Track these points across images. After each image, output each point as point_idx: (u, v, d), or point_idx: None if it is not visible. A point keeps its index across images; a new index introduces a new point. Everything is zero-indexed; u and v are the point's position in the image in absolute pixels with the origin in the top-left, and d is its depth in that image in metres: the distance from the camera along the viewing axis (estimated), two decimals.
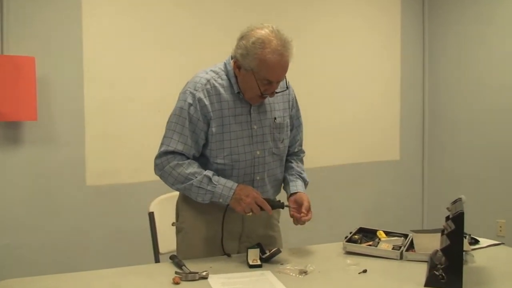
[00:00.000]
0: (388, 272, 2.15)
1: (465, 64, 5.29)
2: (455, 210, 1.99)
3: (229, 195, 2.27)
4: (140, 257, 2.82)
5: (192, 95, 2.31)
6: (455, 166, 5.43)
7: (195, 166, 2.31)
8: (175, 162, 2.30)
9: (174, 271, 2.07)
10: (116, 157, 4.11)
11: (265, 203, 2.28)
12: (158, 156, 2.34)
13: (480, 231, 2.82)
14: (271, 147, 2.43)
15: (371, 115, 5.35)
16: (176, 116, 2.32)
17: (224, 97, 2.33)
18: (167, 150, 2.31)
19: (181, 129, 2.31)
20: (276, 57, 2.21)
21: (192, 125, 2.31)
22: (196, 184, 2.28)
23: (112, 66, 4.08)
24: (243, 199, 2.26)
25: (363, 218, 5.00)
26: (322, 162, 4.98)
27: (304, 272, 2.11)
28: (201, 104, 2.30)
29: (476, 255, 2.34)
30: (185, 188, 2.31)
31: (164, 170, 2.32)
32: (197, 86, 2.32)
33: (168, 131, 2.34)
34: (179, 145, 2.30)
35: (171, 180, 2.31)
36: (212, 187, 2.28)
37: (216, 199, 2.29)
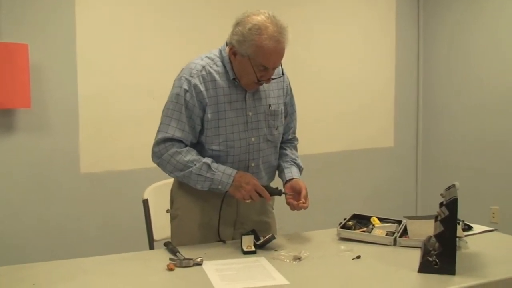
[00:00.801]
0: (381, 258, 2.15)
1: (460, 52, 5.28)
2: (449, 197, 2.00)
3: (228, 182, 2.28)
4: (134, 244, 2.82)
5: (188, 81, 2.30)
6: (448, 153, 5.44)
7: (194, 153, 2.31)
8: (173, 149, 2.29)
9: (169, 257, 2.07)
10: (110, 144, 4.10)
11: (264, 191, 2.29)
12: (156, 143, 2.33)
13: (474, 218, 2.83)
14: (265, 134, 2.43)
15: (366, 103, 5.34)
16: (173, 103, 2.31)
17: (219, 84, 2.33)
18: (165, 137, 2.30)
19: (179, 116, 2.30)
20: (272, 43, 2.21)
21: (189, 111, 2.30)
22: (196, 171, 2.27)
23: (106, 53, 4.06)
24: (243, 186, 2.27)
25: (357, 205, 5.00)
26: (317, 149, 4.98)
27: (298, 258, 2.11)
28: (197, 90, 2.29)
29: (470, 241, 2.36)
30: (184, 176, 2.30)
31: (162, 158, 2.31)
32: (193, 72, 2.31)
33: (165, 118, 2.33)
34: (177, 132, 2.29)
35: (170, 168, 2.31)
36: (211, 174, 2.27)
37: (215, 186, 2.29)
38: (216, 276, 1.93)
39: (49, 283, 1.87)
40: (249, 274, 1.96)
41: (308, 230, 2.54)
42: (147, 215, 2.74)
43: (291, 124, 2.63)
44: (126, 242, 3.64)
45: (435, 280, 1.89)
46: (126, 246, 2.60)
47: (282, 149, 2.60)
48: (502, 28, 4.91)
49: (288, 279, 1.90)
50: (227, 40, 2.35)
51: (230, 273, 1.96)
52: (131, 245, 2.69)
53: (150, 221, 2.73)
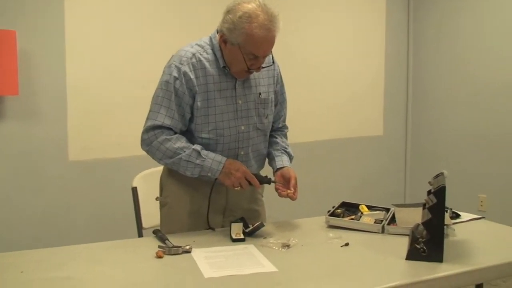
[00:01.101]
0: (370, 245, 2.17)
1: (449, 44, 5.29)
2: (437, 185, 2.00)
3: (218, 169, 2.27)
4: (123, 232, 2.82)
5: (178, 68, 2.29)
6: (437, 142, 5.47)
7: (183, 140, 2.30)
8: (163, 137, 2.28)
9: (157, 245, 2.07)
10: (99, 132, 4.09)
11: (254, 178, 2.29)
12: (145, 131, 2.32)
13: (462, 206, 2.85)
14: (255, 122, 2.42)
15: (356, 92, 5.35)
16: (163, 90, 2.30)
17: (209, 71, 2.32)
18: (154, 124, 2.29)
19: (168, 103, 2.29)
20: (263, 31, 2.20)
21: (178, 98, 2.29)
22: (185, 158, 2.27)
23: (95, 40, 4.03)
24: (233, 173, 2.27)
25: (346, 193, 5.01)
26: (306, 137, 4.98)
27: (287, 245, 2.12)
28: (187, 77, 2.28)
29: (457, 229, 2.37)
30: (173, 163, 2.30)
31: (151, 146, 2.30)
32: (183, 59, 2.30)
33: (155, 105, 2.32)
34: (167, 119, 2.28)
35: (159, 155, 2.30)
36: (201, 161, 2.27)
37: (205, 173, 2.28)
38: (205, 263, 1.93)
39: (37, 271, 1.87)
40: (238, 261, 1.96)
41: (297, 218, 2.55)
42: (136, 203, 2.73)
43: (282, 112, 2.63)
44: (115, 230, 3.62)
45: (423, 268, 1.90)
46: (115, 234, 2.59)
47: (273, 137, 2.60)
48: (490, 20, 4.92)
49: (277, 266, 1.90)
50: (217, 27, 2.34)
51: (219, 261, 1.96)
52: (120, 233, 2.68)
53: (139, 209, 2.72)
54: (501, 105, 4.87)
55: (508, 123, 4.83)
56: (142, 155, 2.39)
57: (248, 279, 1.81)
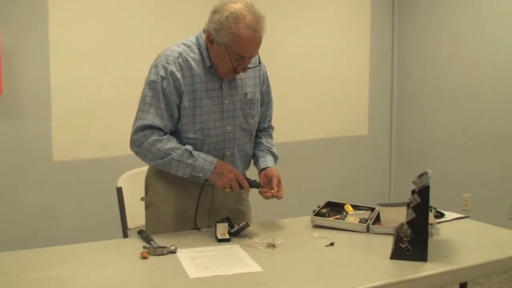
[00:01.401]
0: (354, 244, 2.17)
1: (433, 43, 5.32)
2: (421, 184, 2.01)
3: (210, 169, 2.27)
4: (108, 232, 2.80)
5: (164, 68, 2.28)
6: (422, 141, 5.50)
7: (174, 141, 2.30)
8: (153, 137, 2.27)
9: (142, 245, 2.06)
10: (83, 131, 4.06)
11: (244, 181, 2.30)
12: (134, 131, 2.30)
13: (446, 205, 2.86)
14: (241, 122, 2.42)
15: (341, 91, 5.36)
16: (151, 90, 2.29)
17: (196, 71, 2.31)
18: (145, 124, 2.27)
19: (157, 103, 2.28)
20: (249, 32, 2.19)
21: (166, 98, 2.28)
22: (177, 158, 2.26)
23: (80, 39, 4.01)
24: (224, 174, 2.27)
25: (332, 192, 5.03)
26: (292, 137, 4.99)
27: (272, 245, 2.12)
28: (174, 77, 2.28)
29: (441, 228, 2.38)
30: (164, 163, 2.28)
31: (142, 147, 2.28)
32: (169, 59, 2.30)
33: (144, 105, 2.30)
34: (157, 119, 2.27)
35: (150, 156, 2.29)
36: (193, 161, 2.26)
37: (196, 173, 2.28)
38: (190, 263, 1.93)
39: (21, 272, 1.85)
40: (223, 261, 1.96)
41: (282, 218, 2.55)
42: (121, 203, 2.72)
43: (267, 112, 2.63)
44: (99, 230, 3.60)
45: (407, 267, 1.91)
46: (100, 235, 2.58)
47: (258, 137, 2.60)
48: (473, 23, 4.96)
49: (262, 266, 1.91)
50: (204, 27, 2.33)
51: (204, 261, 1.96)
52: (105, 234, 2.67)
53: (124, 209, 2.71)
54: (484, 106, 4.91)
55: (491, 123, 4.87)
56: (127, 155, 2.39)
57: (234, 279, 1.81)
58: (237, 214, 2.48)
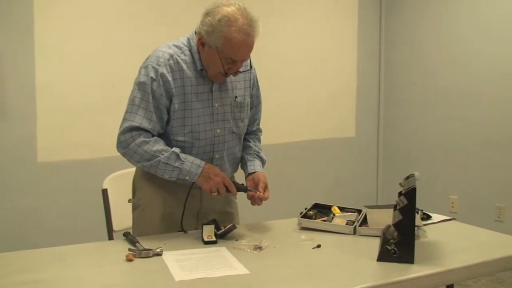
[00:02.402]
0: (341, 247, 2.18)
1: (420, 45, 5.36)
2: (408, 186, 2.02)
3: (197, 172, 2.26)
4: (93, 235, 2.79)
5: (155, 70, 2.27)
6: (409, 143, 5.53)
7: (162, 143, 2.28)
8: (141, 139, 2.25)
9: (128, 248, 2.05)
10: (69, 132, 4.04)
11: (232, 185, 2.29)
12: (122, 132, 2.28)
13: (433, 207, 2.88)
14: (231, 126, 2.42)
15: (328, 93, 5.37)
16: (140, 91, 2.27)
17: (186, 74, 2.30)
18: (132, 125, 2.25)
19: (146, 105, 2.26)
20: (242, 36, 2.19)
21: (156, 100, 2.27)
22: (164, 160, 2.25)
23: (65, 38, 3.99)
24: (211, 178, 2.26)
25: (319, 194, 5.05)
26: (279, 138, 4.99)
27: (259, 247, 2.12)
28: (164, 79, 2.26)
29: (428, 230, 2.39)
30: (151, 165, 2.27)
31: (129, 148, 2.27)
32: (160, 61, 2.28)
33: (132, 106, 2.28)
34: (145, 121, 2.26)
35: (137, 157, 2.27)
36: (180, 163, 2.25)
37: (183, 176, 2.27)
38: (176, 266, 1.92)
39: (4, 275, 1.83)
40: (209, 264, 1.95)
41: (269, 220, 2.55)
42: (106, 205, 2.70)
43: (256, 115, 2.63)
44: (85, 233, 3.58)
45: (394, 269, 1.92)
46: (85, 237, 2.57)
47: (246, 140, 2.59)
48: (465, 15, 4.98)
49: (249, 268, 1.90)
50: (195, 29, 2.32)
51: (190, 263, 1.95)
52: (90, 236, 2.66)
53: (109, 211, 2.69)
54: (472, 107, 4.95)
55: (479, 125, 4.91)
56: (112, 156, 2.37)
57: (220, 281, 1.80)
58: (225, 217, 2.48)
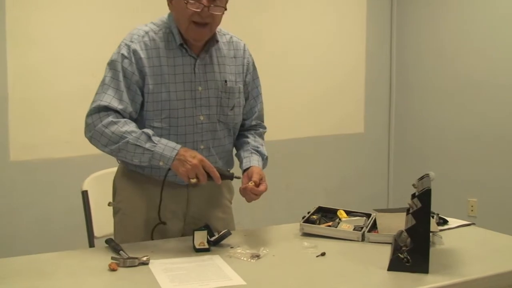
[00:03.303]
0: (348, 255, 2.18)
1: (437, 27, 5.33)
2: (422, 187, 2.02)
3: (171, 155, 2.21)
4: (72, 241, 2.80)
5: (127, 46, 2.29)
6: (424, 140, 5.52)
7: (132, 125, 2.26)
8: (109, 119, 2.23)
9: (111, 256, 2.05)
10: (44, 128, 4.04)
11: (213, 169, 2.22)
12: (89, 113, 2.27)
13: (450, 211, 2.89)
14: (217, 113, 2.41)
15: (333, 84, 5.36)
16: (111, 70, 2.29)
17: (163, 52, 2.32)
18: (100, 105, 2.24)
19: (117, 84, 2.27)
20: None
21: (127, 80, 2.27)
22: (133, 141, 2.21)
23: (39, 26, 3.98)
24: (188, 160, 2.20)
25: (324, 197, 5.06)
26: (278, 135, 4.97)
27: (256, 256, 2.12)
28: (137, 57, 2.28)
29: (445, 236, 2.39)
30: (119, 149, 2.23)
31: (95, 130, 2.24)
32: (134, 37, 2.31)
33: (101, 86, 2.29)
34: (114, 101, 2.25)
35: (104, 140, 2.24)
36: (151, 145, 2.21)
37: (155, 161, 2.22)
38: (164, 276, 1.92)
39: None
40: (201, 274, 1.96)
41: (268, 225, 2.56)
42: (86, 209, 2.71)
43: (256, 108, 2.61)
44: (62, 239, 3.61)
45: (407, 279, 1.92)
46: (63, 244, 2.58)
47: (244, 137, 2.58)
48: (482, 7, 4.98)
49: (245, 279, 1.91)
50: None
51: (180, 273, 1.95)
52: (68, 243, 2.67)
53: (90, 216, 2.70)
54: (495, 101, 4.93)
55: (502, 121, 4.90)
56: (94, 154, 2.38)
57: None
58: (217, 223, 2.47)
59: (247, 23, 4.26)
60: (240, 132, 2.60)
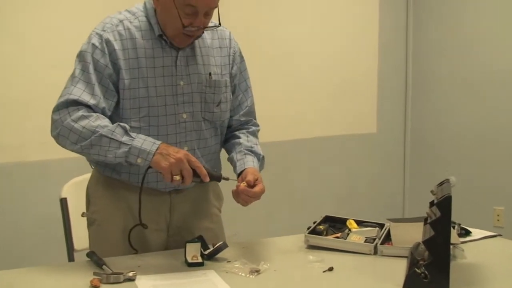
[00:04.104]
0: (359, 270, 2.19)
1: (461, 12, 5.31)
2: (441, 194, 2.03)
3: (151, 150, 2.15)
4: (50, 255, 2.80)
5: (99, 36, 2.29)
6: (444, 140, 5.52)
7: (106, 120, 2.23)
8: (79, 113, 2.20)
9: (93, 271, 2.05)
10: (17, 127, 4.04)
11: (200, 166, 2.18)
12: (56, 109, 2.25)
13: (473, 220, 2.89)
14: (201, 110, 2.41)
15: (342, 78, 5.36)
16: (80, 62, 2.28)
17: (140, 43, 2.31)
18: (69, 99, 2.23)
19: (87, 77, 2.25)
20: None
21: (98, 73, 2.26)
22: (107, 134, 2.17)
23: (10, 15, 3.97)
24: (171, 154, 2.15)
25: (331, 204, 5.05)
26: (280, 135, 4.98)
27: (256, 271, 2.13)
28: (110, 48, 2.27)
29: (467, 249, 2.39)
30: (91, 144, 2.19)
31: (63, 126, 2.22)
32: (106, 26, 2.30)
33: (70, 80, 2.28)
34: (85, 95, 2.23)
35: (74, 137, 2.20)
36: (128, 139, 2.18)
37: (133, 158, 2.17)
38: None
39: None
40: None
41: (268, 236, 2.56)
42: (65, 218, 2.71)
43: (245, 103, 2.61)
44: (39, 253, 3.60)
45: None
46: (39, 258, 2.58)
47: (235, 137, 2.57)
48: None
49: None
50: None
51: None
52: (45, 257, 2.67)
53: (70, 226, 2.70)
54: None
55: None
56: (74, 157, 2.37)
57: None
58: (205, 233, 2.40)
59: (255, 18, 4.27)
60: (230, 132, 2.60)
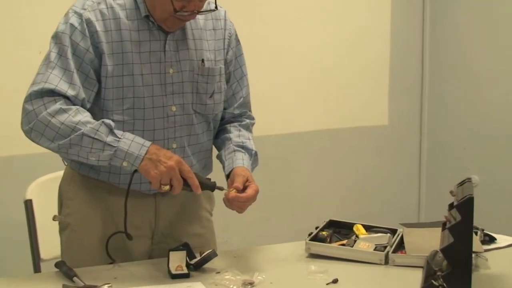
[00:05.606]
0: (367, 282, 2.20)
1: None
2: (462, 195, 2.03)
3: (139, 153, 2.16)
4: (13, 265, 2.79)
5: (78, 15, 2.27)
6: (464, 135, 5.52)
7: (87, 114, 2.22)
8: (56, 106, 2.19)
9: (62, 284, 2.05)
10: None
11: (192, 175, 2.21)
12: (28, 98, 2.23)
13: (498, 225, 2.88)
14: (192, 101, 2.41)
15: (349, 65, 5.35)
16: (57, 45, 2.27)
17: (125, 24, 2.30)
18: (44, 88, 2.20)
19: (65, 63, 2.24)
20: None
21: (77, 59, 2.25)
22: (89, 133, 2.16)
23: None
24: (162, 161, 2.16)
25: (336, 207, 5.06)
26: (279, 128, 4.98)
27: (250, 283, 2.13)
28: (91, 29, 2.26)
29: (491, 258, 2.40)
30: (70, 144, 2.18)
31: (38, 120, 2.19)
32: (87, 4, 2.29)
33: (45, 64, 2.26)
34: (63, 84, 2.21)
35: (50, 134, 2.18)
36: (113, 140, 2.17)
37: (117, 161, 2.18)
38: None
39: None
40: None
41: (264, 244, 2.56)
42: (30, 223, 2.71)
43: (240, 93, 2.61)
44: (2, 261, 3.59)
45: None
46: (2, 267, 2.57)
47: (225, 132, 2.57)
48: None
49: None
50: None
51: None
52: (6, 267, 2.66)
53: (36, 232, 2.70)
54: None
55: None
56: (41, 152, 2.36)
57: None
58: (194, 240, 2.43)
59: (261, 3, 4.27)
60: (221, 126, 2.60)
